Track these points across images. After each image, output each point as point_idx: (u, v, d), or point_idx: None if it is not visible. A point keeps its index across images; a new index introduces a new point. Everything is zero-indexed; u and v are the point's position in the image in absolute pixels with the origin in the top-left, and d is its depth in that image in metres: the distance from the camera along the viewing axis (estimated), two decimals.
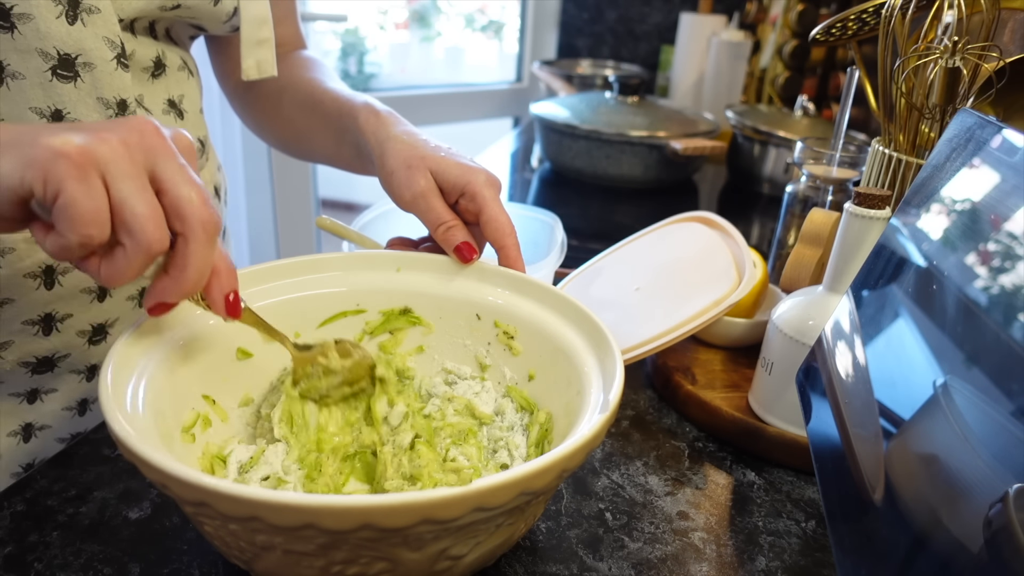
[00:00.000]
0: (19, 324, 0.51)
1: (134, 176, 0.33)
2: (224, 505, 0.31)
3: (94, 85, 0.49)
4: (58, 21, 0.47)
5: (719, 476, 0.56)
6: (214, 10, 0.56)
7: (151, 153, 0.35)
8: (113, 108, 0.51)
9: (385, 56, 3.04)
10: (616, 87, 1.35)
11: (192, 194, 0.35)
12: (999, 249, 0.35)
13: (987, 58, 0.56)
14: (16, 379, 0.54)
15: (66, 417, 0.58)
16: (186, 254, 0.36)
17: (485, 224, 0.53)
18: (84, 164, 0.32)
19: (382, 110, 0.59)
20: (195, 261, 0.36)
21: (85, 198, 0.32)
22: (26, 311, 0.51)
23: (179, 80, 0.60)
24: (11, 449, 0.56)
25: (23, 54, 0.46)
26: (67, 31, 0.47)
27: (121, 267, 0.34)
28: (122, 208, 0.33)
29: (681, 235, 0.72)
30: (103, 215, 0.33)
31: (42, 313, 0.52)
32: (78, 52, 0.48)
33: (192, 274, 0.36)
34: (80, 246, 0.33)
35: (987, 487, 0.29)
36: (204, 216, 0.35)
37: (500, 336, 0.53)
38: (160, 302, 0.38)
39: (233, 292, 0.40)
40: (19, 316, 0.51)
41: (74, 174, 0.32)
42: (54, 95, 0.48)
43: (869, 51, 1.10)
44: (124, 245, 0.34)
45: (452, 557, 0.37)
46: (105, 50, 0.49)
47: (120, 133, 0.34)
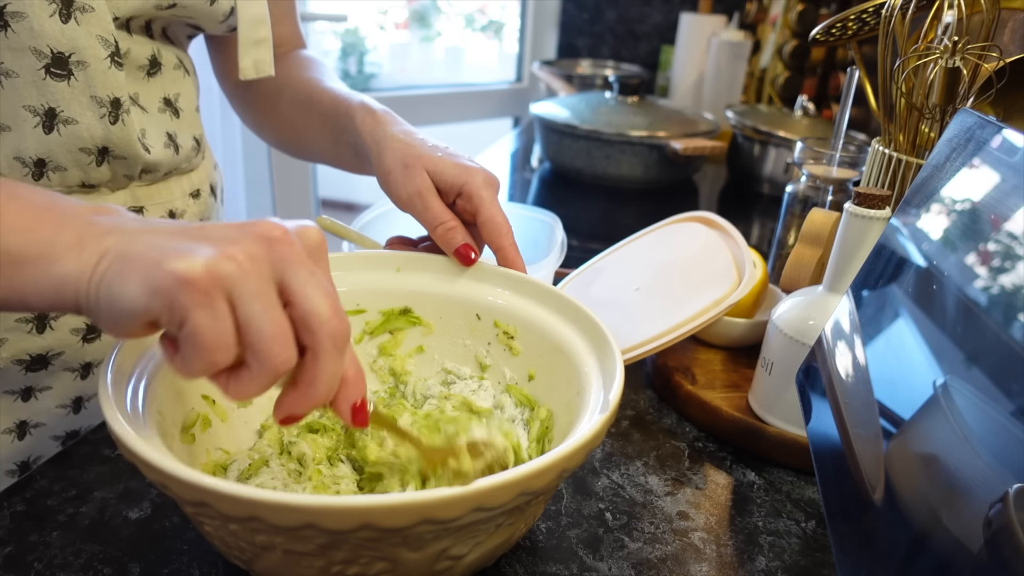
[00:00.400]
0: (13, 321, 0.51)
1: (261, 294, 0.32)
2: (224, 505, 0.31)
3: (87, 83, 0.49)
4: (51, 19, 0.47)
5: (719, 476, 0.56)
6: (210, 10, 0.56)
7: (279, 264, 0.33)
8: (107, 106, 0.51)
9: (385, 56, 3.04)
10: (616, 87, 1.35)
11: (322, 306, 0.33)
12: (999, 249, 0.35)
13: (987, 58, 0.56)
14: (10, 376, 0.54)
15: (60, 415, 0.58)
16: (315, 370, 0.34)
17: (482, 225, 0.53)
18: (210, 289, 0.30)
19: (378, 109, 0.59)
20: (324, 376, 0.34)
21: (211, 327, 0.31)
22: None
23: (175, 79, 0.60)
24: (6, 446, 0.56)
25: (16, 52, 0.46)
26: (60, 29, 0.47)
27: (247, 386, 0.33)
28: (248, 329, 0.32)
29: (681, 235, 0.72)
30: (229, 339, 0.31)
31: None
32: (71, 50, 0.48)
33: (322, 389, 0.34)
34: (205, 371, 0.32)
35: (987, 487, 0.29)
36: (333, 328, 0.33)
37: (500, 336, 0.53)
38: (289, 415, 0.36)
39: (361, 399, 0.38)
40: (13, 313, 0.51)
41: (199, 300, 0.30)
42: (47, 93, 0.48)
43: (869, 51, 1.10)
44: (250, 365, 0.32)
45: (452, 557, 0.37)
46: (99, 48, 0.49)
47: (246, 246, 0.32)
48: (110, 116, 0.51)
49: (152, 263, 0.31)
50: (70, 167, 0.51)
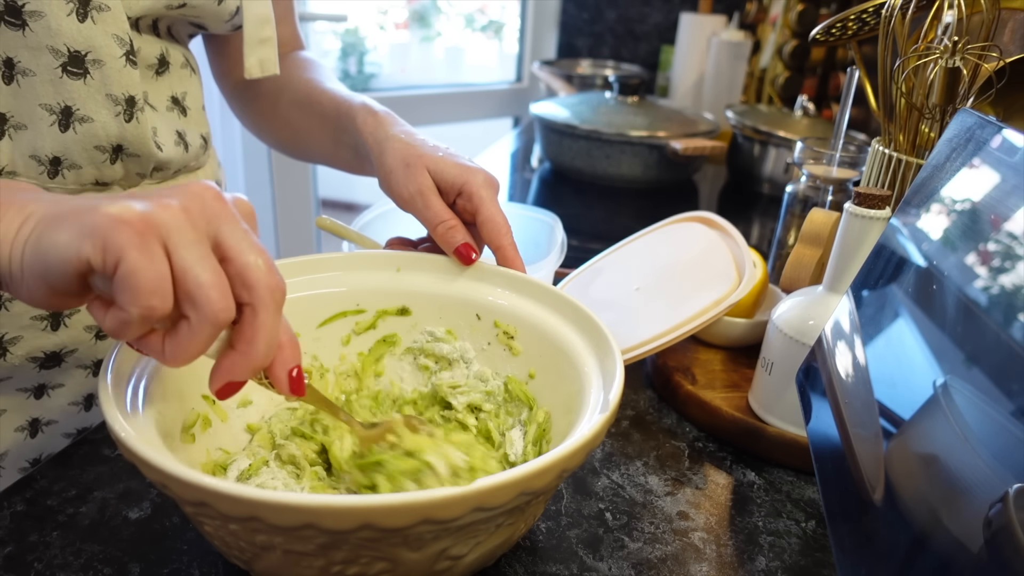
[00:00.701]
0: (28, 319, 0.52)
1: (197, 243, 0.31)
2: (224, 505, 0.31)
3: (103, 82, 0.50)
4: (69, 19, 0.47)
5: (719, 476, 0.56)
6: (217, 9, 0.56)
7: (214, 219, 0.33)
8: (122, 104, 0.51)
9: (385, 56, 3.04)
10: (616, 87, 1.35)
11: (258, 260, 0.33)
12: (999, 249, 0.35)
13: (987, 58, 0.56)
14: (24, 374, 0.54)
15: (72, 412, 0.58)
16: (255, 325, 0.33)
17: (482, 224, 0.53)
18: (145, 231, 0.30)
19: (380, 110, 0.59)
20: (264, 332, 0.33)
21: (147, 267, 0.30)
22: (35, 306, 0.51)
23: (182, 77, 0.60)
24: (18, 444, 0.56)
25: (34, 51, 0.47)
26: (77, 28, 0.47)
27: (185, 342, 0.32)
28: (185, 277, 0.31)
29: (681, 235, 0.72)
30: (166, 284, 0.30)
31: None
32: (88, 49, 0.48)
33: (261, 346, 0.33)
34: (142, 319, 0.31)
35: (987, 487, 0.29)
36: (271, 283, 0.33)
37: (500, 336, 0.53)
38: (229, 382, 0.35)
39: (296, 367, 0.37)
40: (28, 311, 0.51)
41: (135, 242, 0.30)
42: (64, 92, 0.48)
43: (869, 51, 1.10)
44: (188, 318, 0.31)
45: (452, 557, 0.37)
46: (114, 47, 0.49)
47: (181, 199, 0.32)
48: (125, 114, 0.51)
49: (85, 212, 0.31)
50: (85, 165, 0.51)
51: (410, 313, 0.55)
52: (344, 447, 0.47)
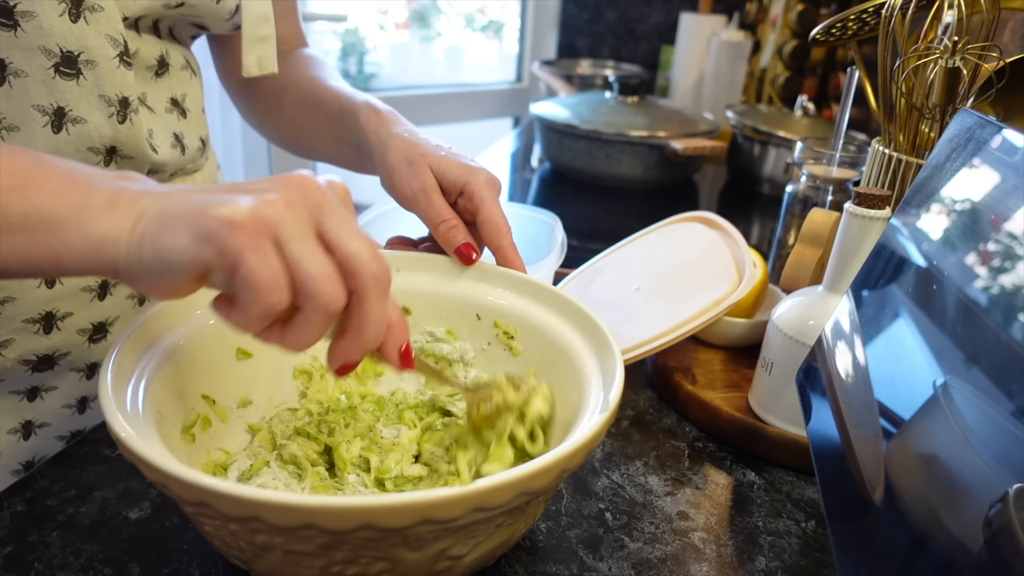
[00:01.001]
0: (20, 322, 0.51)
1: (305, 236, 0.32)
2: (224, 505, 0.31)
3: (96, 83, 0.49)
4: (61, 19, 0.47)
5: (719, 476, 0.56)
6: (216, 8, 0.56)
7: (316, 210, 0.33)
8: (115, 105, 0.51)
9: (385, 56, 3.04)
10: (616, 87, 1.35)
11: (361, 248, 0.34)
12: (999, 249, 0.35)
13: (987, 58, 0.56)
14: (16, 377, 0.54)
15: (66, 415, 0.58)
16: (362, 312, 0.34)
17: (482, 224, 0.53)
18: (257, 231, 0.31)
19: (383, 109, 0.59)
20: (373, 318, 0.34)
21: (264, 266, 0.31)
22: (27, 309, 0.51)
23: (182, 79, 0.60)
24: (11, 446, 0.56)
25: (26, 52, 0.46)
26: (70, 29, 0.47)
27: (302, 331, 0.33)
28: (297, 269, 0.32)
29: (681, 235, 0.72)
30: (282, 280, 0.32)
31: (43, 311, 0.52)
32: (80, 50, 0.48)
33: (371, 332, 0.35)
34: (264, 315, 0.32)
35: (987, 487, 0.29)
36: (376, 270, 0.34)
37: (500, 336, 0.53)
38: (345, 363, 0.36)
39: (406, 343, 0.39)
40: (20, 314, 0.51)
41: (249, 243, 0.31)
42: (56, 92, 0.48)
43: (869, 51, 1.10)
44: (303, 308, 0.33)
45: (452, 557, 0.37)
46: (107, 48, 0.49)
47: (282, 193, 0.33)
48: (118, 115, 0.51)
49: (196, 214, 0.31)
50: None
51: (410, 313, 0.55)
52: (351, 449, 0.48)
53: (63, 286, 0.52)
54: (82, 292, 0.54)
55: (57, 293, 0.52)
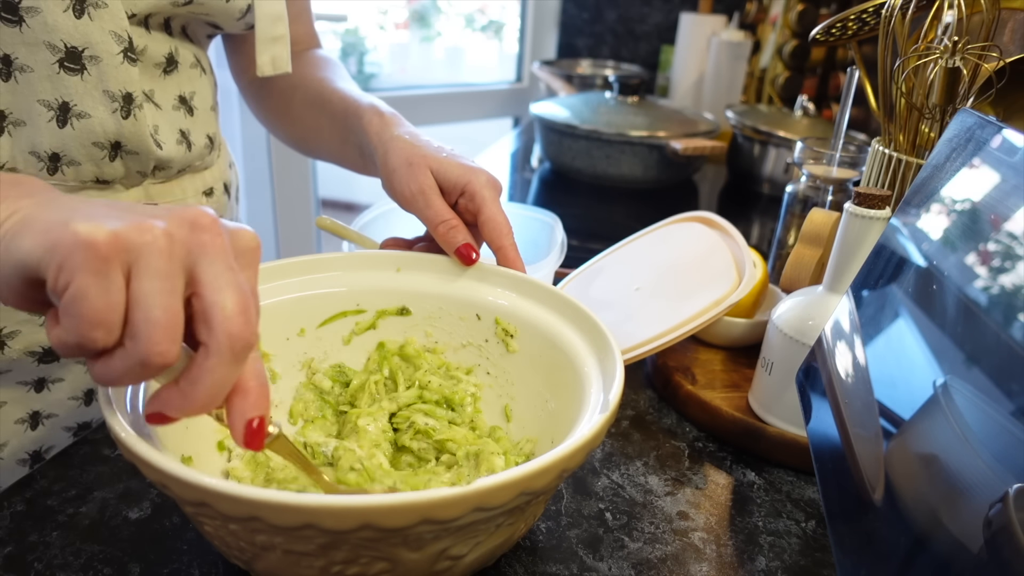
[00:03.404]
0: (25, 314, 0.52)
1: (164, 275, 0.29)
2: (224, 505, 0.31)
3: (100, 78, 0.50)
4: (65, 14, 0.47)
5: (719, 476, 0.56)
6: (227, 7, 0.56)
7: (196, 250, 0.30)
8: (119, 101, 0.51)
9: (385, 56, 3.04)
10: (616, 87, 1.35)
11: (229, 302, 0.30)
12: (999, 249, 0.35)
13: (987, 58, 0.56)
14: (23, 368, 0.54)
15: (73, 406, 0.58)
16: (201, 368, 0.30)
17: (483, 224, 0.53)
18: (108, 256, 0.28)
19: (386, 111, 0.60)
20: (209, 379, 0.31)
21: (96, 295, 0.28)
22: None
23: (191, 77, 0.60)
24: (18, 436, 0.56)
25: (31, 47, 0.47)
26: (74, 24, 0.48)
27: (113, 370, 0.30)
28: (135, 307, 0.29)
29: (681, 235, 0.72)
30: (113, 317, 0.28)
31: None
32: (85, 45, 0.48)
33: (202, 393, 0.31)
34: (79, 348, 0.29)
35: (987, 487, 0.29)
36: (234, 330, 0.30)
37: (499, 332, 0.53)
38: (159, 412, 0.32)
39: (258, 419, 0.34)
40: None
41: (92, 266, 0.28)
42: (61, 87, 0.49)
43: (869, 51, 1.10)
44: (125, 347, 0.29)
45: (452, 557, 0.37)
46: (111, 44, 0.50)
47: (170, 223, 0.30)
48: (122, 111, 0.51)
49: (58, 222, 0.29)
50: (84, 162, 0.51)
51: (410, 313, 0.55)
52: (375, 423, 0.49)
53: None
54: None
55: None
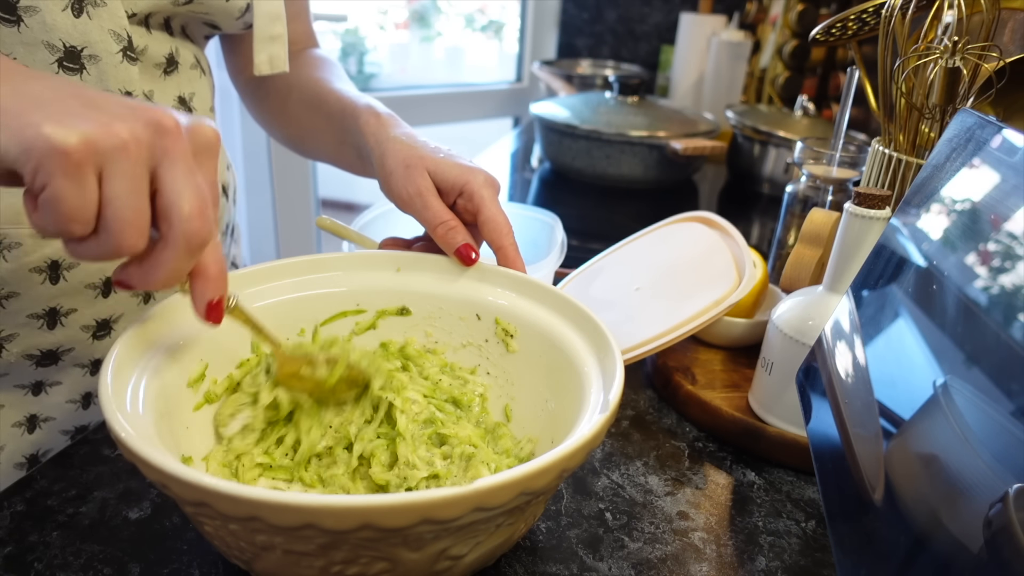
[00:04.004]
0: (24, 317, 0.52)
1: (131, 176, 0.32)
2: (224, 505, 0.31)
3: (100, 77, 0.50)
4: (64, 13, 0.47)
5: (719, 476, 0.56)
6: (226, 6, 0.56)
7: (159, 153, 0.33)
8: None
9: (385, 56, 3.04)
10: (616, 87, 1.35)
11: (186, 202, 0.34)
12: (999, 249, 0.35)
13: (987, 58, 0.56)
14: (21, 371, 0.54)
15: (70, 410, 0.58)
16: (157, 258, 0.35)
17: (483, 224, 0.53)
18: (81, 161, 0.31)
19: (383, 112, 0.59)
20: (164, 267, 0.35)
21: (72, 196, 0.31)
22: (31, 305, 0.51)
23: (191, 78, 0.60)
24: (15, 439, 0.56)
25: (29, 47, 0.47)
26: (73, 23, 0.47)
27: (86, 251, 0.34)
28: (107, 206, 0.32)
29: (681, 235, 0.72)
30: (88, 213, 0.32)
31: (47, 307, 0.52)
32: (84, 44, 0.48)
33: (160, 276, 0.35)
34: (58, 234, 0.33)
35: (987, 487, 0.29)
36: (190, 228, 0.34)
37: (498, 332, 0.53)
38: (123, 280, 0.37)
39: (219, 297, 0.39)
40: (24, 309, 0.51)
41: (66, 170, 0.31)
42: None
43: (869, 51, 1.10)
44: (98, 236, 0.33)
45: (452, 557, 0.37)
46: (111, 43, 0.49)
47: (133, 125, 0.33)
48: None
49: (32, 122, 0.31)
50: None
51: (410, 313, 0.55)
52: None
53: (67, 282, 0.52)
54: (86, 289, 0.54)
55: (61, 290, 0.52)
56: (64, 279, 0.52)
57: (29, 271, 0.50)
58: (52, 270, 0.51)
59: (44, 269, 0.51)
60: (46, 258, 0.50)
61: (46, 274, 0.51)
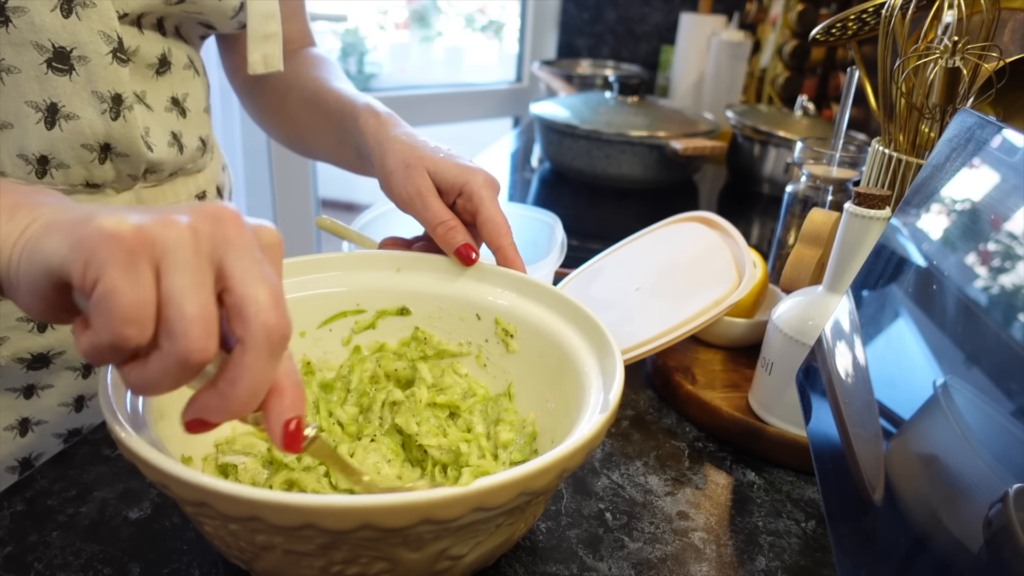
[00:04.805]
0: (14, 320, 0.52)
1: (193, 269, 0.28)
2: (224, 505, 0.31)
3: (89, 79, 0.49)
4: (52, 14, 0.47)
5: (719, 476, 0.56)
6: (219, 5, 0.56)
7: (222, 244, 0.29)
8: (108, 102, 0.51)
9: (385, 56, 3.04)
10: (616, 87, 1.35)
11: (261, 295, 0.29)
12: (999, 249, 0.35)
13: (987, 58, 0.56)
14: (12, 374, 0.54)
15: (63, 413, 0.58)
16: (240, 364, 0.29)
17: (481, 224, 0.53)
18: (136, 249, 0.27)
19: (382, 111, 0.59)
20: (249, 375, 0.30)
21: (128, 289, 0.27)
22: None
23: (184, 78, 0.60)
24: (7, 443, 0.56)
25: (18, 47, 0.47)
26: (62, 24, 0.47)
27: (152, 375, 0.29)
28: (169, 304, 0.28)
29: (681, 235, 0.72)
30: (146, 312, 0.27)
31: None
32: (73, 45, 0.48)
33: (243, 391, 0.30)
34: (113, 348, 0.28)
35: (987, 487, 0.29)
36: (270, 322, 0.29)
37: (498, 332, 0.53)
38: (199, 419, 0.31)
39: (296, 419, 0.33)
40: (14, 312, 0.51)
41: (120, 260, 0.27)
42: (49, 88, 0.48)
43: (869, 51, 1.10)
44: (161, 348, 0.28)
45: (452, 557, 0.37)
46: (100, 44, 0.49)
47: (193, 219, 0.29)
48: (111, 112, 0.51)
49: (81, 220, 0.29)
50: (73, 164, 0.51)
51: (410, 313, 0.55)
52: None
53: None
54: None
55: None
56: None
57: None
58: None
59: None
60: None
61: None
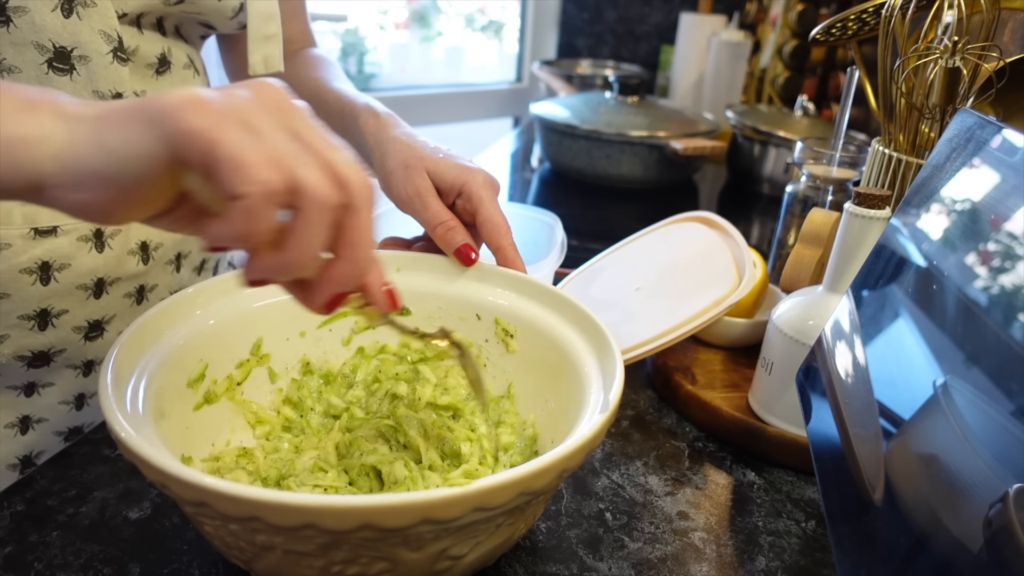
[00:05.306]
0: (15, 319, 0.52)
1: (280, 128, 0.28)
2: (224, 505, 0.31)
3: (89, 78, 0.49)
4: (53, 14, 0.47)
5: (719, 476, 0.56)
6: (219, 6, 0.56)
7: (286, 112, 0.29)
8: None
9: (385, 56, 3.04)
10: (616, 87, 1.35)
11: (344, 155, 0.30)
12: (999, 249, 0.35)
13: (987, 58, 0.56)
14: (12, 372, 0.54)
15: (63, 411, 0.58)
16: (356, 226, 0.29)
17: (481, 225, 0.53)
18: (222, 112, 0.27)
19: (382, 112, 0.60)
20: (367, 233, 0.30)
21: (247, 142, 0.26)
22: (21, 306, 0.51)
23: (184, 78, 0.60)
24: (8, 440, 0.56)
25: (19, 47, 0.47)
26: (62, 24, 0.47)
27: (301, 238, 0.28)
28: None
29: (681, 235, 0.72)
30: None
31: (37, 308, 0.52)
32: (73, 45, 0.48)
33: (365, 249, 0.30)
34: (265, 199, 0.26)
35: (987, 487, 0.29)
36: (365, 180, 0.30)
37: (498, 332, 0.53)
38: (337, 293, 0.32)
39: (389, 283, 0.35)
40: (15, 311, 0.51)
41: (216, 121, 0.26)
42: (50, 88, 0.48)
43: (869, 51, 1.10)
44: (300, 208, 0.28)
45: (452, 557, 0.37)
46: (101, 43, 0.49)
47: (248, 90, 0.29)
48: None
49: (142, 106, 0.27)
50: None
51: (410, 313, 0.55)
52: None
53: (58, 284, 0.52)
54: (77, 290, 0.54)
55: (52, 291, 0.52)
56: (55, 280, 0.52)
57: (19, 272, 0.50)
58: (43, 271, 0.51)
59: (35, 270, 0.51)
60: (36, 259, 0.50)
61: (37, 275, 0.51)
